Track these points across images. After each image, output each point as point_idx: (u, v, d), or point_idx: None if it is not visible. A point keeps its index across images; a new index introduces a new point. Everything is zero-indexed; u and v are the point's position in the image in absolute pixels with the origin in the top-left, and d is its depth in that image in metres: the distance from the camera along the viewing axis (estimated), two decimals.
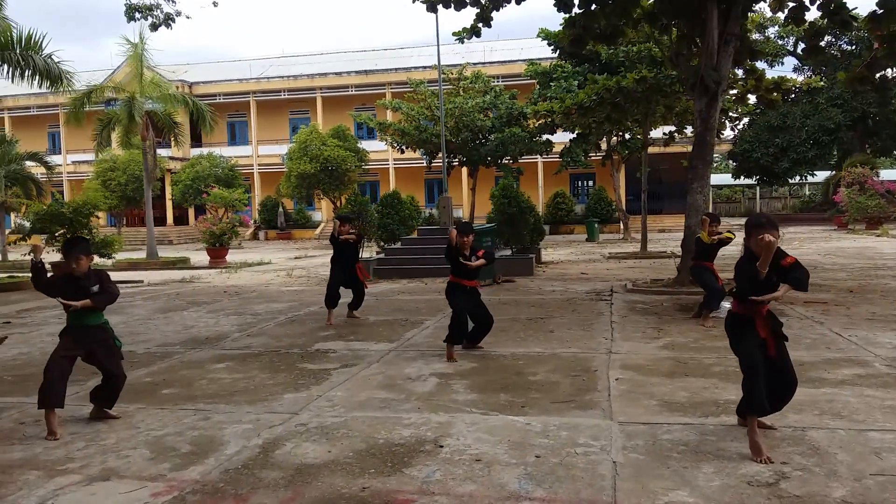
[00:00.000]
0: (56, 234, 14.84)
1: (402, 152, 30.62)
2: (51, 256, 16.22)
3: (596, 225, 30.84)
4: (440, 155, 30.75)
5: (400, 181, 39.69)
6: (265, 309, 10.66)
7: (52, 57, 17.04)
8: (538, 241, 18.20)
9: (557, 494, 3.48)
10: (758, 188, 45.73)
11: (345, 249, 9.21)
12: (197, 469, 3.99)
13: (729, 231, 8.21)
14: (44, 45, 16.87)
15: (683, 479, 3.59)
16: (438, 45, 21.82)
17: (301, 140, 31.81)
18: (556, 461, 3.91)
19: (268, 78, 42.03)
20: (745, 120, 35.55)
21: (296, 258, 23.34)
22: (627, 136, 26.27)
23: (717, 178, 51.42)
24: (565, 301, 10.44)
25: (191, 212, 39.56)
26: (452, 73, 29.84)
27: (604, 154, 28.31)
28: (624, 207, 31.08)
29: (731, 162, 40.03)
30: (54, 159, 42.10)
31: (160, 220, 41.99)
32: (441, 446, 4.21)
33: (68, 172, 41.14)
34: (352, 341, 7.81)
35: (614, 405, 4.97)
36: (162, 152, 36.76)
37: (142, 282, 16.09)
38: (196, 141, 41.69)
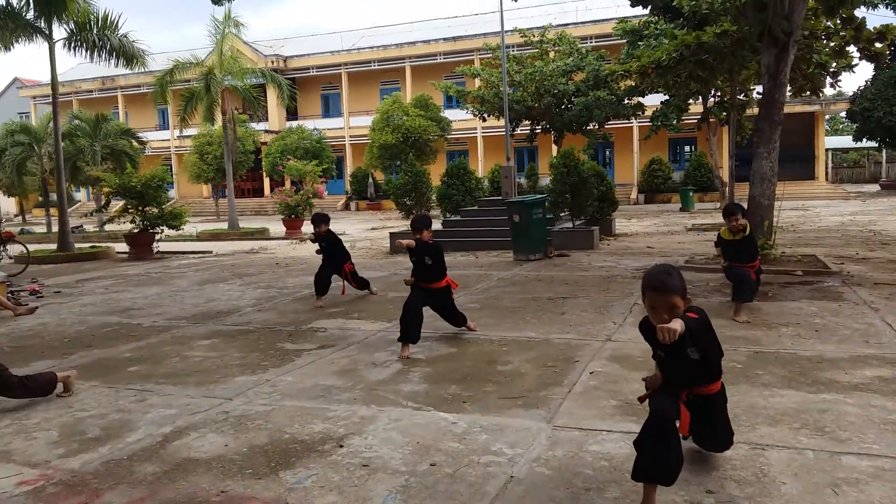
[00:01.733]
0: (129, 208, 15.49)
1: (484, 120, 29.94)
2: (118, 228, 17.07)
3: (691, 193, 29.04)
4: (524, 122, 29.87)
5: (487, 150, 39.04)
6: (297, 282, 10.60)
7: (127, 36, 17.73)
8: (609, 212, 17.21)
9: None
10: (884, 152, 41.37)
11: (332, 246, 8.77)
12: (84, 457, 3.82)
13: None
14: (119, 25, 17.57)
15: None
16: (502, 9, 21.06)
17: (384, 110, 31.78)
18: (448, 472, 3.44)
19: (358, 49, 42.26)
20: (869, 75, 32.09)
21: (372, 229, 23.41)
22: (727, 97, 24.31)
23: (836, 141, 47.15)
24: (604, 279, 9.69)
25: (287, 182, 40.80)
26: (535, 36, 28.64)
27: (699, 117, 26.47)
28: (724, 175, 28.96)
29: (850, 123, 36.32)
30: (163, 134, 44.78)
31: (258, 192, 43.65)
32: (341, 446, 3.84)
33: (175, 147, 43.38)
34: (353, 319, 7.54)
35: (566, 404, 4.39)
36: (257, 126, 38.01)
37: (211, 252, 16.62)
38: (292, 114, 42.74)
